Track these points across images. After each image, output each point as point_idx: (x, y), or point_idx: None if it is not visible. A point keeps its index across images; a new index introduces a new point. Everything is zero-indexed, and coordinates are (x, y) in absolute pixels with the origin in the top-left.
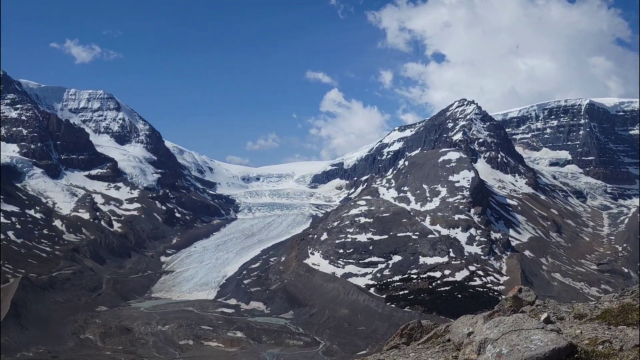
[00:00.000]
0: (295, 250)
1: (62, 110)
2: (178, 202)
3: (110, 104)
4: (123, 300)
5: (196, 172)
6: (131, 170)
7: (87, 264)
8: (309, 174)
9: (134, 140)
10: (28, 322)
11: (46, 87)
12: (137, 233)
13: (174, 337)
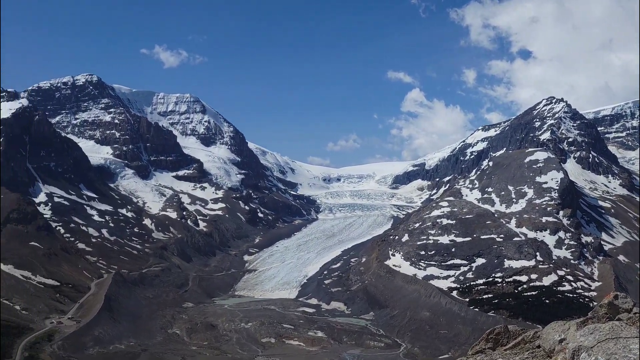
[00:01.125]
0: (376, 251)
1: (152, 114)
2: (261, 202)
3: (196, 107)
4: (208, 297)
5: (278, 172)
6: (216, 171)
7: (174, 261)
8: (390, 175)
9: (218, 141)
10: (120, 316)
11: (137, 91)
12: (222, 232)
13: (256, 334)
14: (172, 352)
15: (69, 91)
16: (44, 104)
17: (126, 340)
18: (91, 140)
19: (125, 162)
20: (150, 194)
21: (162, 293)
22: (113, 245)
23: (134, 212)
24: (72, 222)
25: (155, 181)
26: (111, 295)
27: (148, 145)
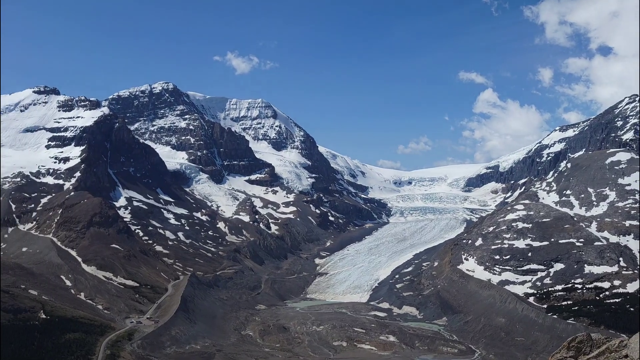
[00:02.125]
0: (448, 255)
1: (225, 119)
2: (331, 205)
3: (267, 112)
4: (280, 300)
5: (349, 176)
6: (287, 175)
7: (247, 264)
8: (463, 178)
9: (289, 146)
10: (196, 317)
11: (210, 98)
12: (293, 235)
13: (328, 337)
14: (245, 353)
15: (147, 99)
16: (124, 112)
17: (201, 340)
18: (167, 146)
19: (199, 167)
20: (223, 198)
21: (235, 295)
22: (188, 247)
23: (208, 216)
24: (150, 226)
25: (229, 185)
26: (187, 297)
27: (221, 150)
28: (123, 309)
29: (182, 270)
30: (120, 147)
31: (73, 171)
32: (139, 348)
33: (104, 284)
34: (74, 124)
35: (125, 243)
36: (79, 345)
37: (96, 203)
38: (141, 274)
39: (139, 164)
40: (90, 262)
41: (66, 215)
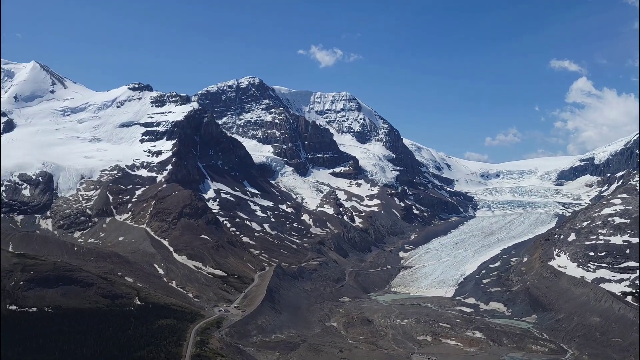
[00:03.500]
0: (538, 250)
1: (309, 113)
2: (416, 198)
3: (351, 105)
4: (364, 293)
5: (434, 169)
6: (371, 167)
7: (331, 256)
8: (554, 170)
9: (373, 138)
10: (281, 307)
11: (295, 91)
12: (377, 228)
13: (412, 331)
14: (329, 344)
15: (234, 93)
16: (212, 107)
17: (286, 330)
18: (254, 139)
19: (285, 160)
20: (308, 191)
21: (319, 286)
22: (274, 239)
23: (293, 208)
24: (237, 217)
25: (313, 178)
26: (273, 287)
27: (306, 143)
28: (212, 298)
29: (267, 261)
30: (209, 141)
31: (165, 164)
32: (227, 336)
33: (194, 273)
34: (166, 118)
35: (213, 234)
36: (171, 331)
37: (186, 195)
38: (229, 264)
39: (226, 157)
40: (181, 252)
41: (159, 207)
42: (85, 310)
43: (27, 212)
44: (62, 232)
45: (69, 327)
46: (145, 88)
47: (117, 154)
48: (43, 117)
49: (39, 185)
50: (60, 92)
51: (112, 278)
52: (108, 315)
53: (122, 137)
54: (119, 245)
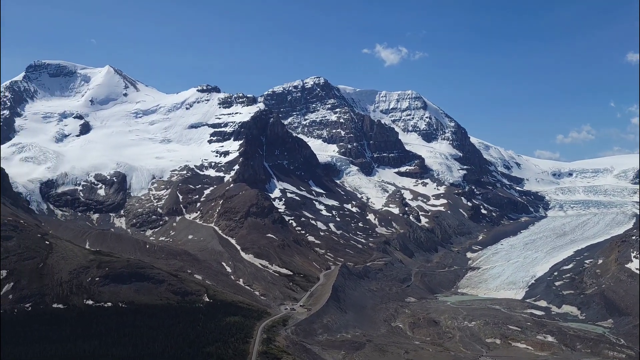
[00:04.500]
0: (615, 252)
1: (374, 112)
2: (484, 198)
3: (417, 103)
4: (430, 293)
5: (502, 167)
6: (437, 166)
7: (397, 256)
8: (632, 169)
9: (440, 137)
10: (346, 306)
11: (360, 91)
12: (444, 228)
13: (480, 334)
14: (395, 344)
15: (299, 94)
16: (278, 107)
17: (352, 329)
18: (319, 139)
19: (350, 160)
20: (373, 190)
21: (385, 286)
22: (339, 238)
23: (358, 207)
24: (303, 216)
25: (378, 177)
26: (338, 286)
27: (371, 143)
28: (278, 296)
29: (333, 260)
30: (275, 141)
31: (232, 164)
32: (292, 334)
33: (260, 272)
34: (233, 119)
35: (279, 233)
36: (239, 328)
37: (253, 194)
38: (295, 263)
39: (292, 157)
40: (248, 250)
41: (226, 206)
42: (157, 306)
43: (103, 211)
44: (135, 230)
45: (142, 322)
46: (213, 90)
47: (186, 154)
48: (117, 120)
49: (113, 185)
50: (132, 95)
51: (182, 275)
52: (178, 312)
53: (191, 138)
54: (188, 243)
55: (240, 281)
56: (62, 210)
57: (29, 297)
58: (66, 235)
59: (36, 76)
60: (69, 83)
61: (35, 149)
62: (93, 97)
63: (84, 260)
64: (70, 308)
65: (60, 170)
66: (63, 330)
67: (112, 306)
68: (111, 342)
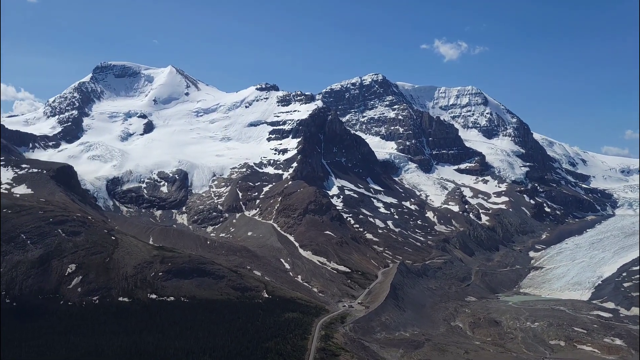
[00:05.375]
0: None
1: (433, 108)
2: (547, 196)
3: (477, 99)
4: (491, 293)
5: (567, 164)
6: (499, 163)
7: (456, 254)
8: None
9: (501, 133)
10: (405, 305)
11: (419, 87)
12: (505, 227)
13: (543, 335)
14: (455, 344)
15: (357, 91)
16: (336, 104)
17: (410, 328)
18: (377, 136)
19: (408, 157)
20: (432, 187)
21: (444, 285)
22: (397, 236)
23: (417, 205)
24: (361, 214)
25: (437, 174)
26: (396, 284)
27: (430, 140)
28: (336, 293)
29: (391, 258)
30: (333, 138)
31: (290, 162)
32: (350, 331)
33: (318, 269)
34: (291, 117)
35: (337, 230)
36: (297, 325)
37: (311, 192)
38: (352, 260)
39: (350, 154)
40: (306, 247)
41: (285, 203)
42: (217, 301)
43: (165, 207)
44: (196, 227)
45: (203, 316)
46: (271, 88)
47: (245, 152)
48: (179, 118)
49: (175, 183)
50: (194, 94)
51: (241, 271)
52: (238, 307)
53: (250, 135)
54: (247, 239)
55: (299, 278)
56: (127, 207)
57: (96, 290)
58: (131, 231)
59: (102, 77)
60: (133, 83)
61: (102, 147)
62: (156, 97)
63: (148, 256)
64: (135, 301)
65: (125, 168)
66: (128, 323)
67: (175, 300)
68: (174, 335)
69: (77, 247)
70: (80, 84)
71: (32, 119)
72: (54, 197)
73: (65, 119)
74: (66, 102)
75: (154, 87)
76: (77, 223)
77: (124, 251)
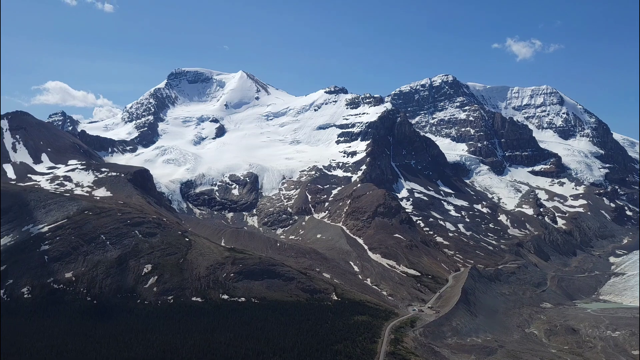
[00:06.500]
0: None
1: (506, 109)
2: (629, 199)
3: (553, 99)
4: (568, 299)
5: None
6: (575, 165)
7: (531, 259)
8: None
9: (578, 134)
10: (477, 310)
11: (490, 87)
12: (583, 231)
13: (625, 345)
14: (529, 352)
15: (427, 92)
16: (405, 106)
17: (483, 334)
18: (447, 138)
19: (479, 159)
20: (505, 190)
21: (518, 290)
22: (469, 240)
23: (489, 208)
24: (431, 217)
25: (510, 177)
26: (468, 289)
27: (502, 141)
28: (405, 297)
29: (462, 262)
30: (402, 141)
31: (359, 164)
32: (420, 335)
33: (387, 272)
34: (360, 120)
35: (407, 233)
36: (366, 328)
37: (380, 194)
38: (422, 263)
39: (419, 157)
40: (375, 250)
41: (354, 206)
42: (287, 302)
43: (236, 210)
44: (266, 229)
45: (273, 317)
46: (340, 91)
47: (314, 155)
48: (249, 122)
49: (246, 185)
50: (264, 99)
51: (311, 273)
52: (307, 309)
53: (319, 139)
54: (316, 242)
55: (368, 281)
56: (199, 209)
57: (170, 290)
58: (203, 233)
59: (176, 83)
60: (206, 89)
61: (176, 151)
62: (227, 102)
63: (220, 257)
64: (208, 301)
65: (198, 171)
66: (201, 322)
67: (246, 301)
68: (245, 335)
69: (153, 248)
70: (155, 90)
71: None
72: (131, 199)
73: (142, 124)
74: (142, 107)
75: (226, 92)
76: (153, 225)
77: (197, 252)
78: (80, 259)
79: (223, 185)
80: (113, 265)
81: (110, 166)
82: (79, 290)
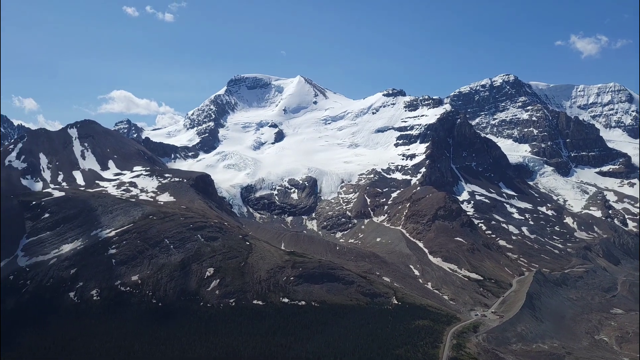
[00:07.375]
0: None
1: (571, 108)
2: None
3: (621, 96)
4: None
5: None
6: None
7: (599, 263)
8: None
9: None
10: (542, 315)
11: (554, 86)
12: None
13: None
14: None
15: (487, 93)
16: (465, 108)
17: (549, 340)
18: (509, 139)
19: (544, 159)
20: (570, 192)
21: (586, 295)
22: (533, 243)
23: (554, 210)
24: (493, 220)
25: (576, 178)
26: (533, 294)
27: (567, 141)
28: (467, 301)
29: (526, 266)
30: (462, 142)
31: (418, 167)
32: (484, 341)
33: (449, 276)
34: (419, 122)
35: (468, 236)
36: (427, 332)
37: (440, 197)
38: (485, 267)
39: (480, 159)
40: (436, 254)
41: (413, 209)
42: (347, 306)
43: (296, 213)
44: (326, 233)
45: (333, 321)
46: (398, 93)
47: (373, 158)
48: (307, 127)
49: (305, 189)
50: (322, 103)
51: (370, 277)
52: (367, 313)
53: (377, 142)
54: (376, 245)
55: (429, 285)
56: (259, 213)
57: (232, 293)
58: (264, 237)
59: (236, 89)
60: (264, 94)
61: (236, 156)
62: (286, 107)
63: (280, 260)
64: (269, 305)
65: (258, 176)
66: (262, 325)
67: (306, 305)
68: (305, 338)
69: (215, 251)
70: (215, 96)
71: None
72: (193, 204)
73: (203, 131)
74: (203, 114)
75: (284, 97)
76: (214, 229)
77: (257, 256)
78: (145, 262)
79: (282, 190)
80: (177, 269)
81: (173, 172)
82: (145, 292)
